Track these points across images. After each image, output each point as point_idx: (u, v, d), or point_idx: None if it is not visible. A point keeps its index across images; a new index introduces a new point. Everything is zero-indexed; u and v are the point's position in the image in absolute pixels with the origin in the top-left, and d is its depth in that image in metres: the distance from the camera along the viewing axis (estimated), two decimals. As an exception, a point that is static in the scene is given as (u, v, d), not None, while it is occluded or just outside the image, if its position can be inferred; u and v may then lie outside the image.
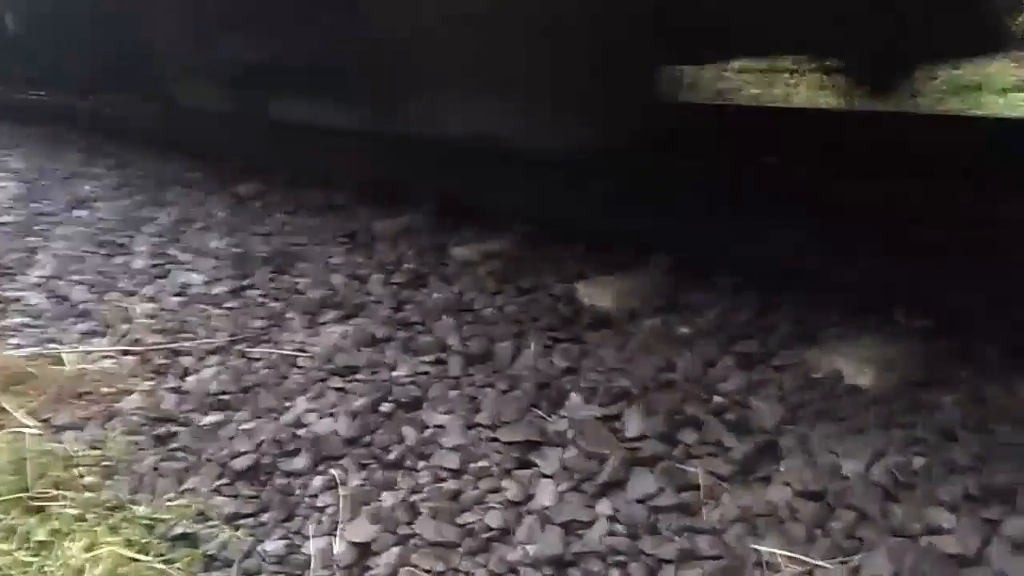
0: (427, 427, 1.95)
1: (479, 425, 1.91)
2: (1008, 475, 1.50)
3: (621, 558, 1.51)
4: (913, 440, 1.62)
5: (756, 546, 1.46)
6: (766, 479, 1.61)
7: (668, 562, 1.47)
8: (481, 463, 1.80)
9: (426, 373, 2.16)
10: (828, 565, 1.39)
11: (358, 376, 2.20)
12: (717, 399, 1.82)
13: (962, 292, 1.88)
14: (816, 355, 1.91)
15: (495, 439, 1.86)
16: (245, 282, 2.88)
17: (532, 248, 2.72)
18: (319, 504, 1.81)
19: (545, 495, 1.68)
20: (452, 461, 1.82)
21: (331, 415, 2.06)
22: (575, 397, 1.93)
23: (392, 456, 1.88)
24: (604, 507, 1.61)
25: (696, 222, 2.35)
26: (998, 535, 1.39)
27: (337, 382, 2.20)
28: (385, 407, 2.05)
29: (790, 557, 1.42)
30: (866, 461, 1.58)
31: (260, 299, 2.75)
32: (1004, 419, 1.64)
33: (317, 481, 1.87)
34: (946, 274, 1.89)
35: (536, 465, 1.76)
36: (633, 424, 1.79)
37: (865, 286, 2.04)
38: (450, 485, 1.77)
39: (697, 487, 1.61)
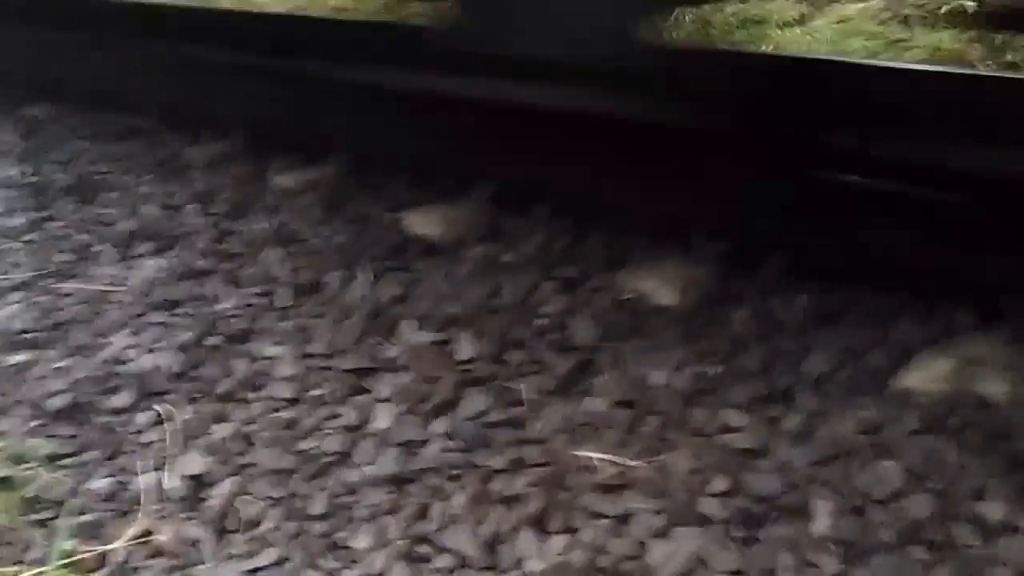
0: (257, 359, 1.98)
1: (312, 355, 1.97)
2: (787, 378, 1.74)
3: (456, 471, 1.64)
4: (710, 351, 1.84)
5: (577, 452, 1.63)
6: (585, 392, 1.79)
7: (499, 471, 1.62)
8: (316, 392, 1.87)
9: (252, 305, 2.18)
10: (639, 464, 1.58)
11: (180, 310, 2.20)
12: (540, 321, 1.97)
13: (754, 218, 2.09)
14: (626, 278, 2.09)
15: (329, 368, 1.92)
16: (45, 214, 2.77)
17: (356, 177, 2.75)
18: (145, 440, 1.82)
19: (382, 418, 1.78)
20: (286, 391, 1.88)
21: (153, 350, 2.05)
22: (407, 324, 2.02)
23: (222, 389, 1.91)
24: (438, 426, 1.74)
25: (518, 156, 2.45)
26: (780, 430, 1.63)
27: (158, 316, 2.18)
28: (212, 340, 2.06)
29: (606, 460, 1.61)
30: (670, 372, 1.78)
31: (63, 232, 2.66)
32: (784, 330, 1.88)
33: (142, 417, 1.87)
34: (739, 203, 2.09)
35: (371, 391, 1.85)
36: (464, 348, 1.90)
37: (668, 216, 2.22)
38: (285, 414, 1.83)
39: (523, 403, 1.76)
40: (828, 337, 1.83)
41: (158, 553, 1.59)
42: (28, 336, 2.14)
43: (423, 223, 2.45)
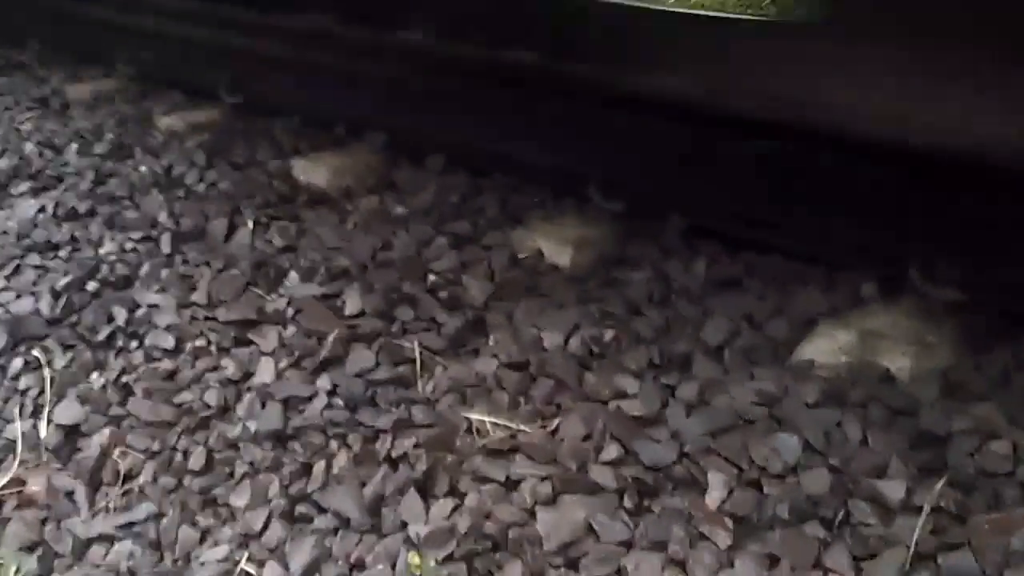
0: (139, 306, 1.90)
1: (194, 304, 1.88)
2: (684, 344, 1.68)
3: (340, 430, 1.57)
4: (605, 314, 1.78)
5: (466, 414, 1.56)
6: (475, 352, 1.72)
7: (385, 431, 1.55)
8: (198, 342, 1.78)
9: (135, 251, 2.08)
10: (529, 429, 1.52)
11: (59, 253, 2.10)
12: (431, 278, 1.90)
13: (649, 177, 2.05)
14: (521, 236, 2.03)
15: (212, 318, 1.84)
16: (-86, 146, 2.59)
17: (244, 121, 2.64)
18: (21, 387, 1.75)
19: (265, 372, 1.70)
20: (167, 341, 1.79)
21: (31, 294, 1.96)
22: (294, 276, 1.94)
23: (101, 336, 1.82)
24: (324, 382, 1.66)
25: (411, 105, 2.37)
26: (675, 398, 1.56)
27: (36, 259, 2.08)
28: (91, 286, 1.96)
29: (496, 424, 1.54)
30: (564, 334, 1.72)
31: (-65, 168, 2.49)
32: (682, 295, 1.84)
33: (17, 362, 1.80)
34: (635, 159, 2.06)
35: (255, 343, 1.77)
36: (352, 302, 1.82)
37: (564, 171, 2.17)
38: (165, 365, 1.75)
39: (413, 361, 1.69)
40: (728, 304, 1.78)
41: (30, 503, 1.54)
42: None
43: (312, 171, 2.37)
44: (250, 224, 2.13)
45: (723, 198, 1.97)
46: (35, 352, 1.80)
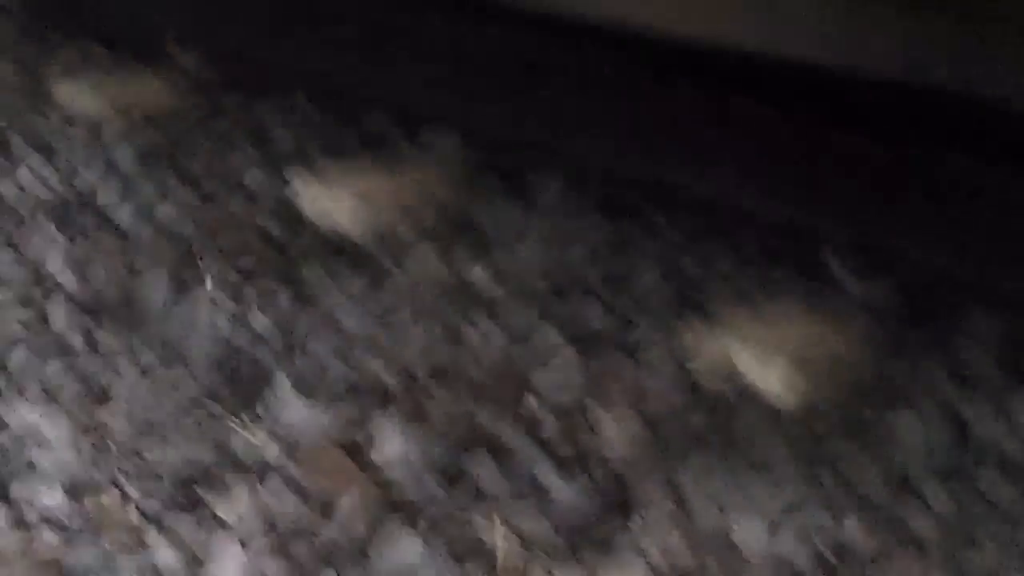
0: (8, 433, 1.92)
1: (105, 430, 1.90)
2: (990, 558, 1.65)
3: None
4: (852, 492, 1.74)
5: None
6: (606, 546, 1.70)
7: None
8: (112, 509, 1.78)
9: (9, 334, 2.13)
10: None
11: None
12: (534, 405, 1.90)
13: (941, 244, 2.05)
14: (701, 337, 2.01)
15: (140, 464, 1.85)
16: None
17: (210, 100, 2.74)
18: None
19: (227, 567, 1.69)
20: (53, 496, 1.79)
21: None
22: (285, 386, 1.96)
23: None
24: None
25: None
26: None
27: None
28: None
29: None
30: (773, 524, 1.69)
31: None
32: (990, 460, 1.80)
33: None
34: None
35: (210, 509, 1.77)
36: (388, 442, 1.84)
37: (779, 223, 2.20)
38: (47, 540, 1.73)
39: (491, 559, 1.67)
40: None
41: None
42: None
43: (327, 198, 2.39)
44: (210, 286, 2.17)
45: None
46: None
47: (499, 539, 1.68)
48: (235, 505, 1.76)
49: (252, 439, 1.87)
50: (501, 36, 2.42)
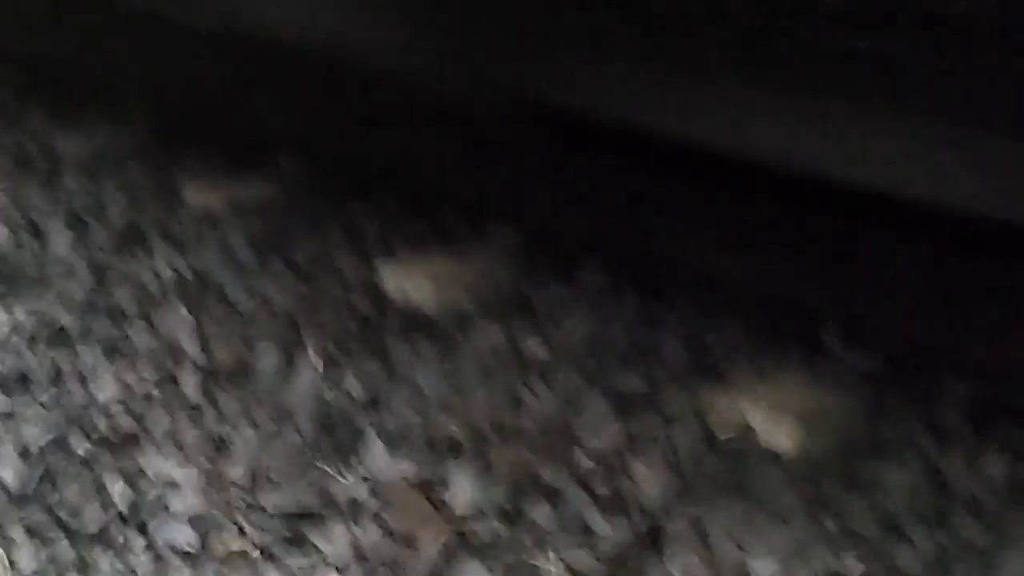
0: (147, 481, 1.98)
1: (230, 482, 1.96)
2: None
3: None
4: (848, 533, 1.79)
5: None
6: None
7: None
8: (231, 543, 1.85)
9: (146, 395, 2.18)
10: None
11: (36, 394, 2.21)
12: (583, 460, 1.95)
13: (920, 318, 2.08)
14: (720, 400, 2.05)
15: (253, 505, 1.91)
16: None
17: (310, 201, 2.78)
18: None
19: None
20: (186, 537, 1.86)
21: None
22: (378, 445, 2.01)
23: (90, 525, 1.90)
24: (416, 618, 1.71)
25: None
26: None
27: (0, 402, 2.20)
28: (80, 446, 2.06)
29: None
30: (784, 562, 1.74)
31: None
32: (964, 507, 1.83)
33: None
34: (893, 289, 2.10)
35: (316, 548, 1.83)
36: (463, 491, 1.89)
37: (784, 301, 2.23)
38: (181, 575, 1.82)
39: None
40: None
41: None
42: None
43: (409, 281, 2.44)
44: (316, 360, 2.22)
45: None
46: (-7, 542, 1.89)
47: (552, 568, 1.74)
48: (333, 540, 1.83)
49: (347, 484, 1.93)
50: (551, 147, 2.43)
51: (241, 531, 1.86)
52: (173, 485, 1.96)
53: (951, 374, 2.03)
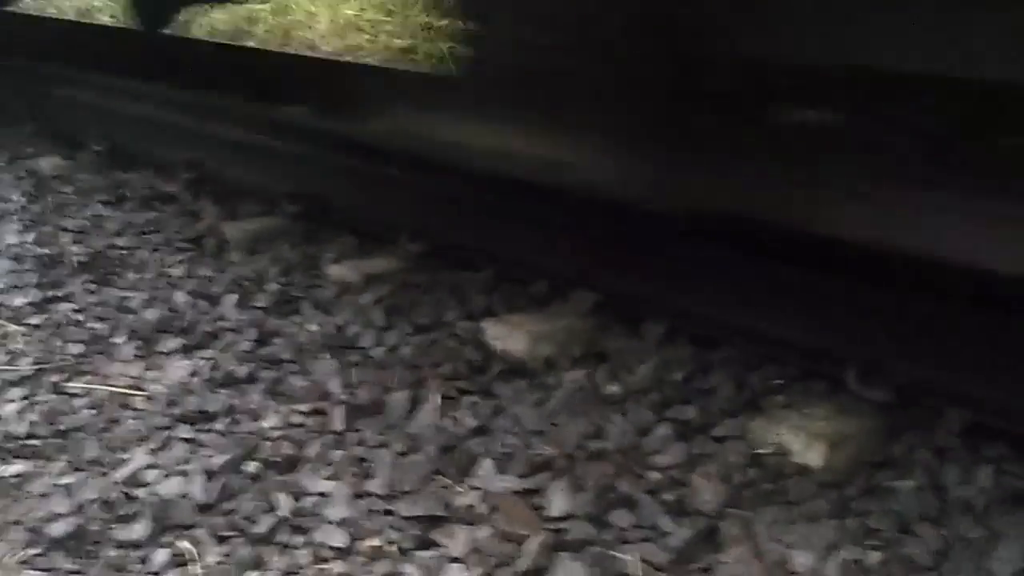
0: (305, 494, 2.01)
1: (371, 494, 2.00)
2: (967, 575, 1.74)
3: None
4: (869, 531, 1.85)
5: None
6: (707, 571, 1.80)
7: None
8: (374, 541, 1.88)
9: (302, 425, 2.22)
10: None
11: (215, 425, 2.24)
12: (653, 474, 2.00)
13: (922, 361, 2.14)
14: (761, 427, 2.12)
15: (391, 512, 1.95)
16: (55, 293, 2.86)
17: (427, 273, 2.82)
18: None
19: None
20: (338, 538, 1.88)
21: (180, 473, 2.07)
22: (487, 464, 2.06)
23: (260, 528, 1.92)
24: (522, 599, 1.75)
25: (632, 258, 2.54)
26: None
27: (186, 431, 2.21)
28: (251, 467, 2.09)
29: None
30: (819, 554, 1.79)
31: (76, 316, 2.73)
32: (961, 510, 1.91)
33: (161, 555, 1.86)
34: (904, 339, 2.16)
35: (441, 545, 1.87)
36: (558, 501, 1.93)
37: (812, 349, 2.29)
38: (336, 568, 1.83)
39: None
40: (1019, 524, 1.84)
41: None
42: (29, 443, 2.17)
43: (508, 336, 2.51)
44: (437, 398, 2.28)
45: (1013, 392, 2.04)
46: (183, 543, 1.88)
47: (628, 558, 1.79)
48: (454, 539, 1.86)
49: (464, 495, 1.98)
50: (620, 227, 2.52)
51: (381, 533, 1.89)
52: (326, 496, 1.99)
53: (949, 404, 2.10)
